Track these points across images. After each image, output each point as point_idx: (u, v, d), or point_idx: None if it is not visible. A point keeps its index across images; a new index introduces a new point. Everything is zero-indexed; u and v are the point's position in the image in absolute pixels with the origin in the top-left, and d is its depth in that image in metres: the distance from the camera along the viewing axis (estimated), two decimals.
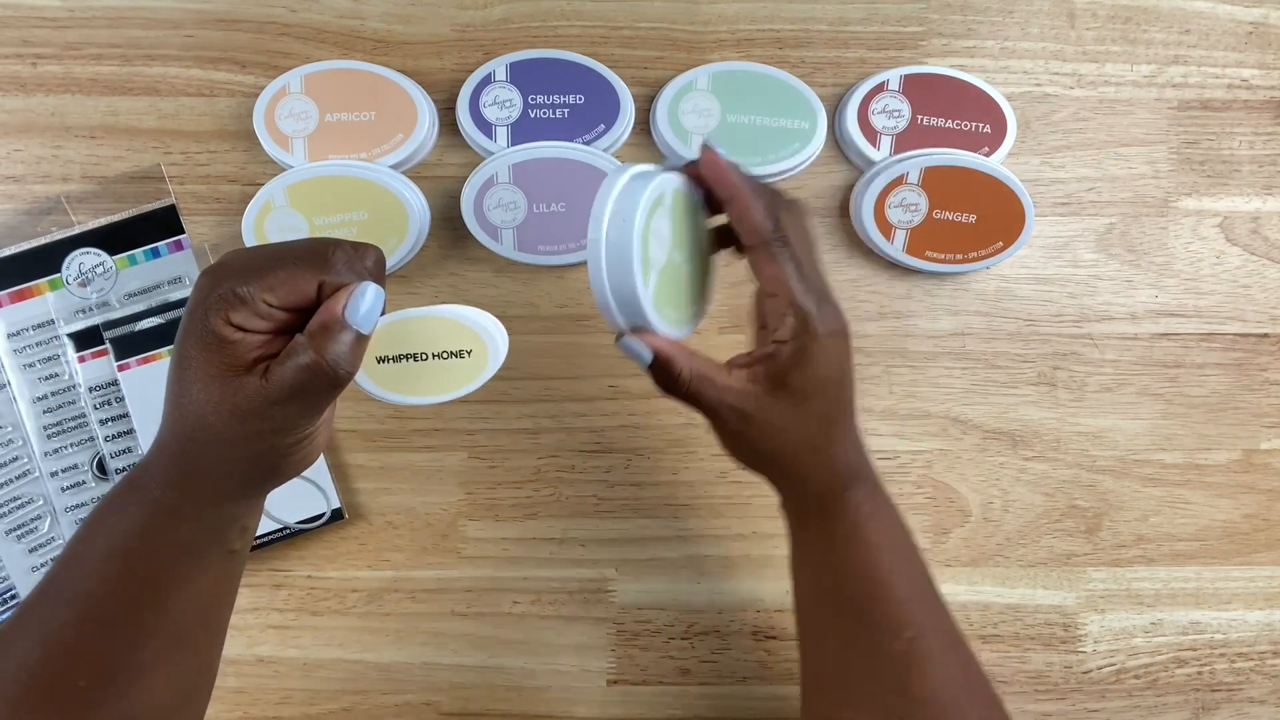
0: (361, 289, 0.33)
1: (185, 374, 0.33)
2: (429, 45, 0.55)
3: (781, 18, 0.56)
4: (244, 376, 0.32)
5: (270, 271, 0.32)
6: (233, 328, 0.32)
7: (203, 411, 0.32)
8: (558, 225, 0.53)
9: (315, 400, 0.33)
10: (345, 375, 0.33)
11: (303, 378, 0.32)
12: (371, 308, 0.33)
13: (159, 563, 0.34)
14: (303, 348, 0.32)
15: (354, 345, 0.33)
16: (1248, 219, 0.56)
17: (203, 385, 0.32)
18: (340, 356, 0.32)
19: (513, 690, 0.55)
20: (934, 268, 0.54)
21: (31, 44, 0.54)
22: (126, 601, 0.34)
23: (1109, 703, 0.55)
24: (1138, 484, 0.56)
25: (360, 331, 0.33)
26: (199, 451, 0.33)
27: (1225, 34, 0.56)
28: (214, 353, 0.32)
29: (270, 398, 0.32)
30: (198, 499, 0.34)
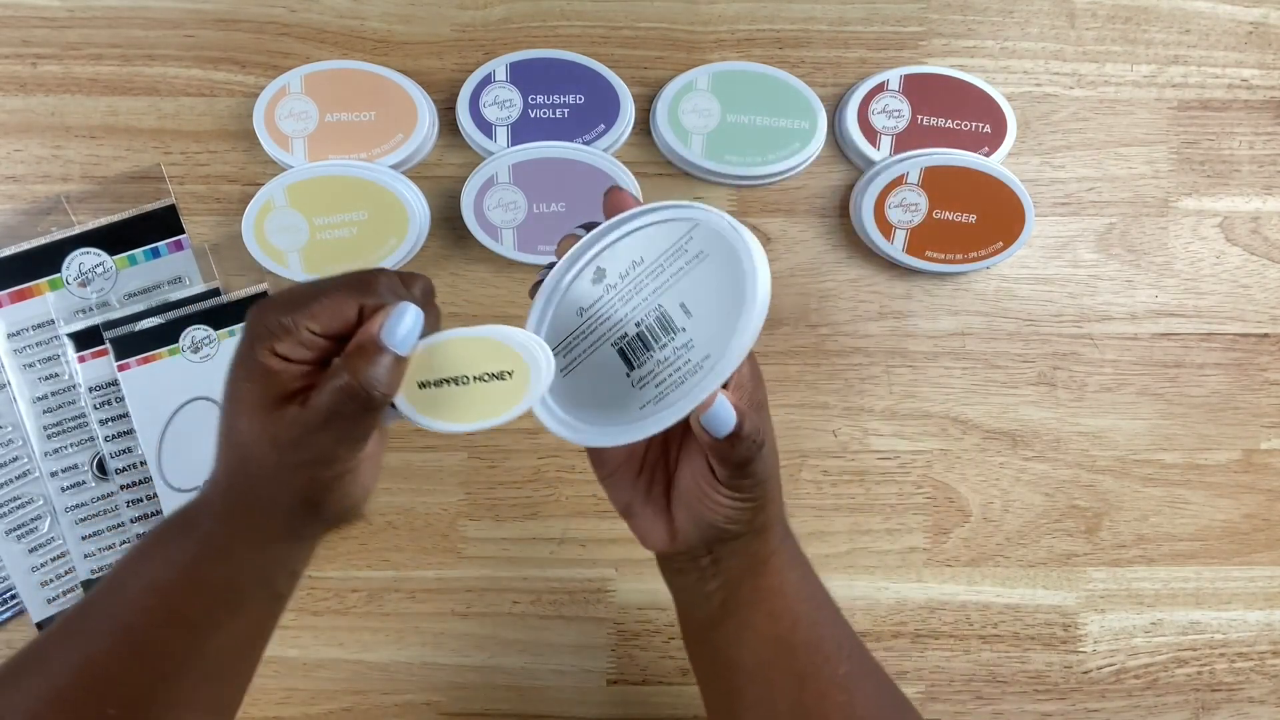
0: (400, 309, 0.32)
1: (234, 407, 0.33)
2: (429, 45, 0.55)
3: (781, 18, 0.56)
4: (286, 407, 0.32)
5: (313, 300, 0.32)
6: (277, 358, 0.32)
7: (247, 443, 0.32)
8: (558, 225, 0.53)
9: (351, 425, 0.32)
10: (380, 397, 0.32)
11: (337, 400, 0.31)
12: (410, 329, 0.32)
13: (201, 602, 0.34)
14: (339, 370, 0.31)
15: (391, 367, 0.32)
16: (1248, 219, 0.56)
17: (248, 417, 0.32)
18: (376, 378, 0.31)
19: (513, 690, 0.55)
20: (934, 268, 0.54)
21: (31, 44, 0.54)
22: (165, 637, 0.34)
23: (1109, 703, 0.55)
24: (1138, 484, 0.56)
25: (397, 352, 0.32)
26: (245, 486, 0.33)
27: (1225, 34, 0.56)
28: (258, 384, 0.32)
29: (308, 424, 0.31)
30: (246, 537, 0.34)
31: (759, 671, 0.38)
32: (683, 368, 0.32)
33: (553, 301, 0.34)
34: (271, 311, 0.32)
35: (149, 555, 0.35)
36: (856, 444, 0.56)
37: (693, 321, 0.32)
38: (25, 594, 0.53)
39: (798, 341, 0.56)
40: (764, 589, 0.37)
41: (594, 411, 0.34)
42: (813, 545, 0.55)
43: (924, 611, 0.56)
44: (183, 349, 0.53)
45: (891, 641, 0.56)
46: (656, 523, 0.37)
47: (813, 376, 0.56)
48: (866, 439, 0.56)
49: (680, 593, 0.39)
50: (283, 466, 0.32)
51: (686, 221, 0.32)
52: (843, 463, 0.56)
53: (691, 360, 0.32)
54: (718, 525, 0.35)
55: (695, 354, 0.32)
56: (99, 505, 0.54)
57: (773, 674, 0.37)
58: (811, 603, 0.38)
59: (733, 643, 0.38)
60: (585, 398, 0.34)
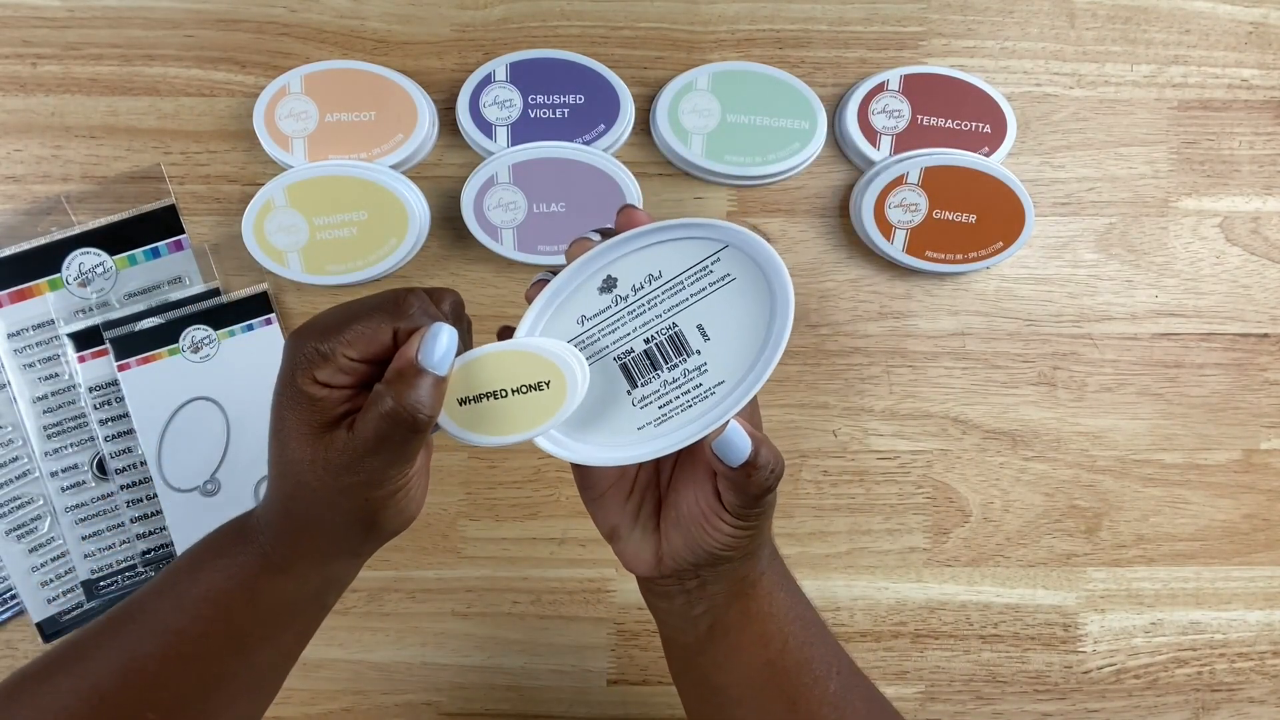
0: (434, 331, 0.32)
1: (282, 435, 0.33)
2: (429, 45, 0.55)
3: (781, 18, 0.56)
4: (333, 432, 0.32)
5: (348, 326, 0.32)
6: (318, 385, 0.32)
7: (299, 470, 0.33)
8: (557, 225, 0.53)
9: (399, 447, 0.33)
10: (425, 420, 0.32)
11: (384, 426, 0.32)
12: (446, 349, 0.32)
13: (256, 615, 0.35)
14: (381, 396, 0.32)
15: (432, 388, 0.32)
16: (1248, 219, 0.56)
17: (297, 444, 0.33)
18: (419, 401, 0.32)
19: (513, 690, 0.55)
20: (934, 268, 0.54)
21: (31, 44, 0.54)
22: (216, 647, 0.34)
23: (1109, 703, 0.55)
24: (1138, 484, 0.56)
25: (436, 374, 0.32)
26: (300, 510, 0.34)
27: (1225, 34, 0.56)
28: (304, 411, 0.32)
29: (357, 450, 0.32)
30: (305, 557, 0.35)
31: (749, 696, 0.37)
32: (692, 391, 0.32)
33: (552, 305, 0.33)
34: (309, 339, 0.32)
35: (206, 564, 0.35)
36: (856, 444, 0.56)
37: (710, 345, 0.32)
38: (25, 594, 0.53)
39: (798, 341, 0.56)
40: (753, 613, 0.37)
41: (585, 428, 0.34)
42: (813, 545, 0.55)
43: (924, 611, 0.56)
44: (182, 349, 0.53)
45: (891, 641, 0.56)
46: (644, 546, 0.37)
47: (813, 376, 0.56)
48: (866, 439, 0.56)
49: (664, 616, 0.39)
50: (337, 490, 0.33)
51: (715, 242, 0.31)
52: (843, 463, 0.56)
53: (704, 385, 0.32)
54: (714, 551, 0.35)
55: (708, 379, 0.32)
56: (99, 505, 0.54)
57: (763, 698, 0.37)
58: (800, 623, 0.38)
59: (721, 667, 0.38)
60: (575, 412, 0.33)
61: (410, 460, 0.34)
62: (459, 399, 0.34)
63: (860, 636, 0.56)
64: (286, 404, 0.33)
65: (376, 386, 0.32)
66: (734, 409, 0.31)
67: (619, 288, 0.33)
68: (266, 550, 0.34)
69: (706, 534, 0.34)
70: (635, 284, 0.32)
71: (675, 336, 0.32)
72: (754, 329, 0.31)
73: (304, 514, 0.34)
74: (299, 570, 0.35)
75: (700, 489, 0.35)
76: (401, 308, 0.33)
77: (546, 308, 0.33)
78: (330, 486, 0.33)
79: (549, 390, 0.33)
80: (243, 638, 0.35)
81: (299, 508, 0.34)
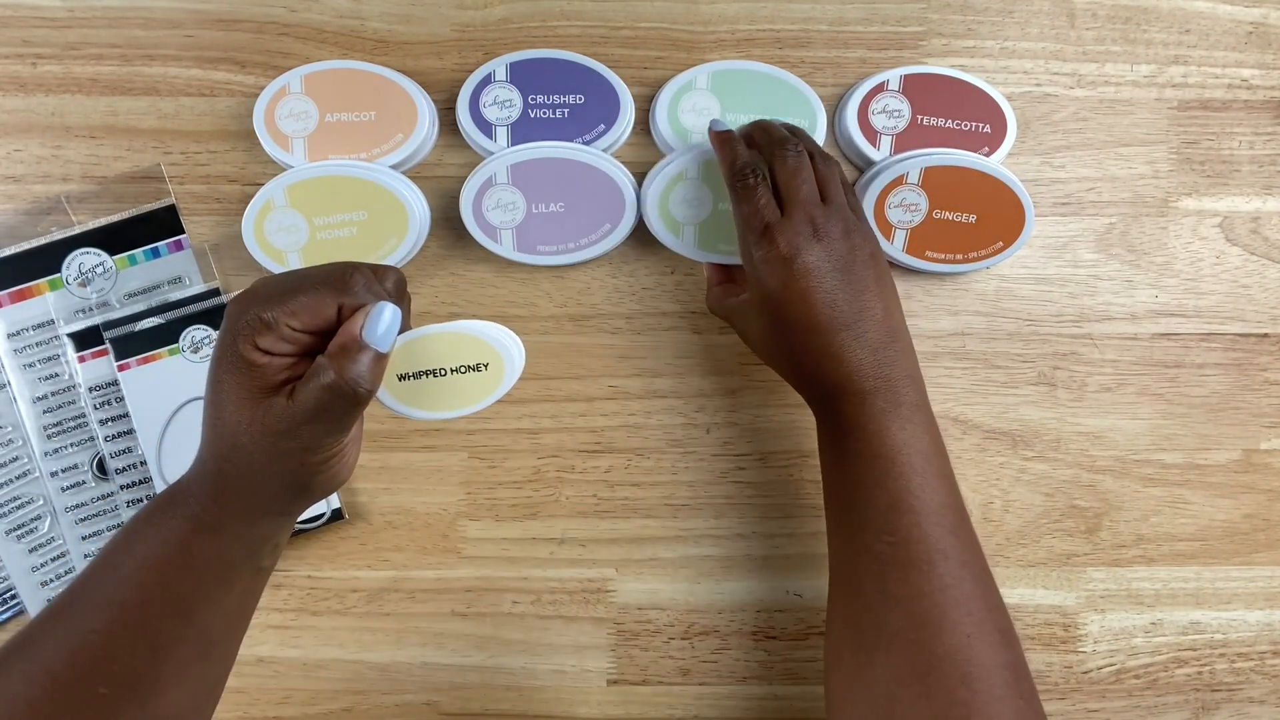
0: (378, 309, 0.34)
1: (219, 397, 0.34)
2: (429, 45, 0.55)
3: (781, 18, 0.56)
4: (272, 398, 0.33)
5: (292, 296, 0.33)
6: (260, 352, 0.33)
7: (235, 432, 0.34)
8: (557, 225, 0.53)
9: (338, 418, 0.34)
10: (366, 394, 0.34)
11: (325, 397, 0.33)
12: (389, 327, 0.34)
13: (194, 576, 0.35)
14: (324, 368, 0.33)
15: (373, 364, 0.34)
16: (1248, 219, 0.56)
17: (234, 408, 0.33)
18: (360, 375, 0.33)
19: (513, 690, 0.55)
20: (934, 268, 0.54)
21: (31, 44, 0.54)
22: (158, 612, 0.34)
23: (1109, 703, 0.55)
24: (1138, 484, 0.56)
25: (378, 350, 0.34)
26: (234, 471, 0.34)
27: (1225, 34, 0.56)
28: (243, 376, 0.33)
29: (296, 418, 0.33)
30: (235, 516, 0.35)
31: (827, 509, 0.44)
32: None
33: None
34: (253, 306, 0.33)
35: (139, 535, 0.35)
36: None
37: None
38: (25, 594, 0.53)
39: None
40: (867, 454, 0.41)
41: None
42: (813, 545, 0.56)
43: None
44: (183, 349, 0.53)
45: None
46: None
47: None
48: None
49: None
50: (273, 454, 0.34)
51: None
52: None
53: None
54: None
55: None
56: (99, 505, 0.54)
57: (829, 520, 0.44)
58: (872, 475, 0.41)
59: (822, 473, 0.45)
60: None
61: (347, 429, 0.35)
62: (399, 375, 0.36)
63: None
64: (226, 368, 0.33)
65: (319, 359, 0.34)
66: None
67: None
68: (197, 513, 0.35)
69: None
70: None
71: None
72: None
73: (237, 475, 0.34)
74: (229, 529, 0.35)
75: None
76: (347, 283, 0.34)
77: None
78: (266, 450, 0.33)
79: (486, 372, 0.35)
80: (183, 601, 0.35)
81: (232, 469, 0.34)
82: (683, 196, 0.53)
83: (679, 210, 0.53)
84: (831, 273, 0.42)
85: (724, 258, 0.53)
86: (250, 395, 0.33)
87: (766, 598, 0.55)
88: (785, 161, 0.45)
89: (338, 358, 0.33)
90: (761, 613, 0.55)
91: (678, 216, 0.53)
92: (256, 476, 0.34)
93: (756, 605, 0.55)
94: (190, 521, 0.35)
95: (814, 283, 0.42)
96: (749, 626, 0.55)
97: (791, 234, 0.42)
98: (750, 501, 0.55)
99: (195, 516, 0.35)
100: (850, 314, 0.42)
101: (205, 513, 0.35)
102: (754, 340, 0.47)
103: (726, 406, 0.55)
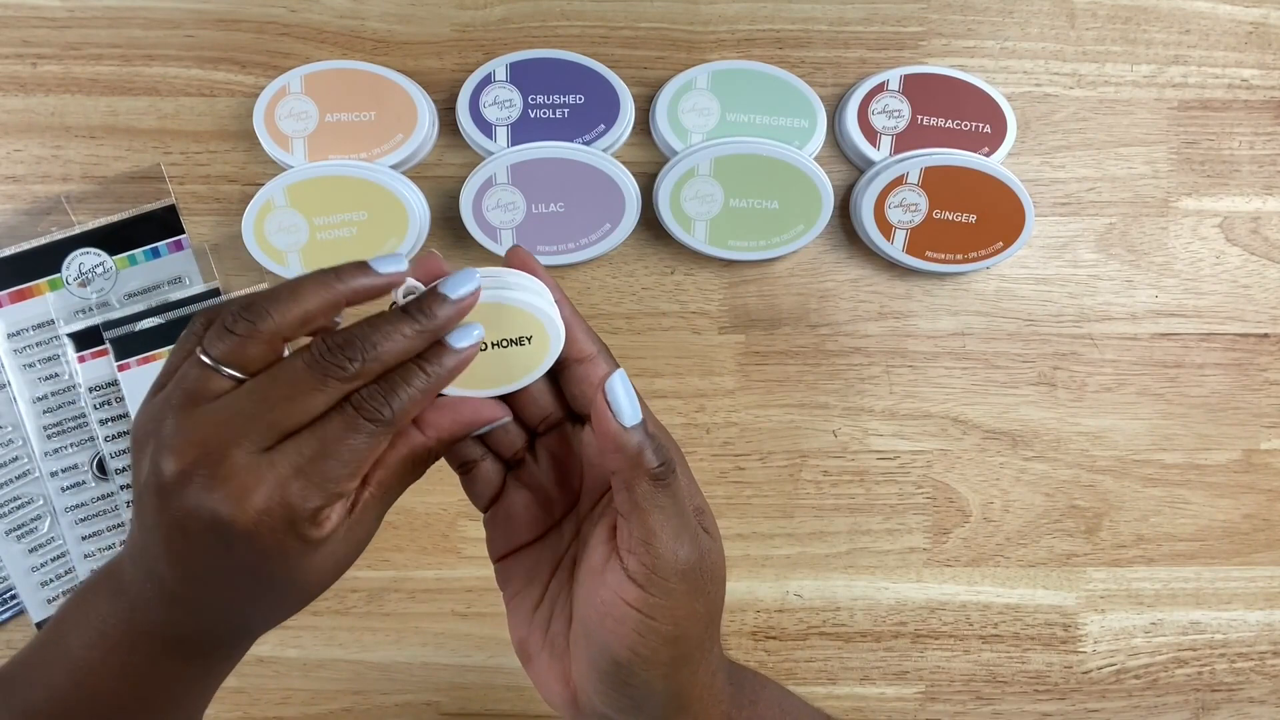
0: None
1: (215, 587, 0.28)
2: (429, 45, 0.55)
3: (781, 18, 0.56)
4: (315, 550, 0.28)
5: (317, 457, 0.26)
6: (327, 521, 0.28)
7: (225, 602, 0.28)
8: (556, 225, 0.53)
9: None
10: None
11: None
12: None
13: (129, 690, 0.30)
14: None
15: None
16: (1248, 219, 0.56)
17: (246, 595, 0.28)
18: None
19: (513, 690, 0.55)
20: (934, 268, 0.54)
21: (31, 44, 0.54)
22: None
23: (1109, 703, 0.55)
24: (1138, 484, 0.56)
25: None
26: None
27: (1225, 34, 0.56)
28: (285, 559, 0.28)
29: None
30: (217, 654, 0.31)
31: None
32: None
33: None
34: (297, 485, 0.26)
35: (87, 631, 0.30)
36: (856, 444, 0.56)
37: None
38: (25, 594, 0.53)
39: (798, 341, 0.56)
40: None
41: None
42: (813, 545, 0.56)
43: (924, 611, 0.56)
44: None
45: (891, 641, 0.56)
46: (553, 670, 0.30)
47: (813, 376, 0.56)
48: (866, 439, 0.56)
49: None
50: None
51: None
52: (843, 463, 0.56)
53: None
54: (618, 656, 0.27)
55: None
56: (99, 505, 0.54)
57: None
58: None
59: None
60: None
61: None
62: None
63: (860, 637, 0.56)
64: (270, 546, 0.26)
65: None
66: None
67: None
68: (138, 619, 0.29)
69: (606, 626, 0.27)
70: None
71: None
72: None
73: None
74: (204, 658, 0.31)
75: (602, 579, 0.28)
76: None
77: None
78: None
79: (531, 345, 0.31)
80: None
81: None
82: (695, 193, 0.52)
83: (691, 206, 0.53)
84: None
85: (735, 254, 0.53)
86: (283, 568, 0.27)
87: (766, 598, 0.55)
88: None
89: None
90: (761, 613, 0.55)
91: (689, 212, 0.53)
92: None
93: (756, 605, 0.55)
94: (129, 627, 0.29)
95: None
96: (749, 626, 0.55)
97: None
98: (750, 502, 0.55)
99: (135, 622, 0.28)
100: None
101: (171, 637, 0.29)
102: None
103: (726, 406, 0.55)
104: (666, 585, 0.26)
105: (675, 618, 0.27)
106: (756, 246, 0.54)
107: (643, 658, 0.27)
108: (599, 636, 0.27)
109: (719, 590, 0.28)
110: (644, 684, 0.27)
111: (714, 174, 0.53)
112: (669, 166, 0.53)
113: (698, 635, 0.27)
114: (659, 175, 0.54)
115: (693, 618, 0.27)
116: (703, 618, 0.27)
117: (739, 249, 0.54)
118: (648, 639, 0.26)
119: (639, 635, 0.26)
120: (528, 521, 0.32)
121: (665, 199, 0.53)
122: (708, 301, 0.55)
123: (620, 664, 0.27)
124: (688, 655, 0.27)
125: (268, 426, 0.25)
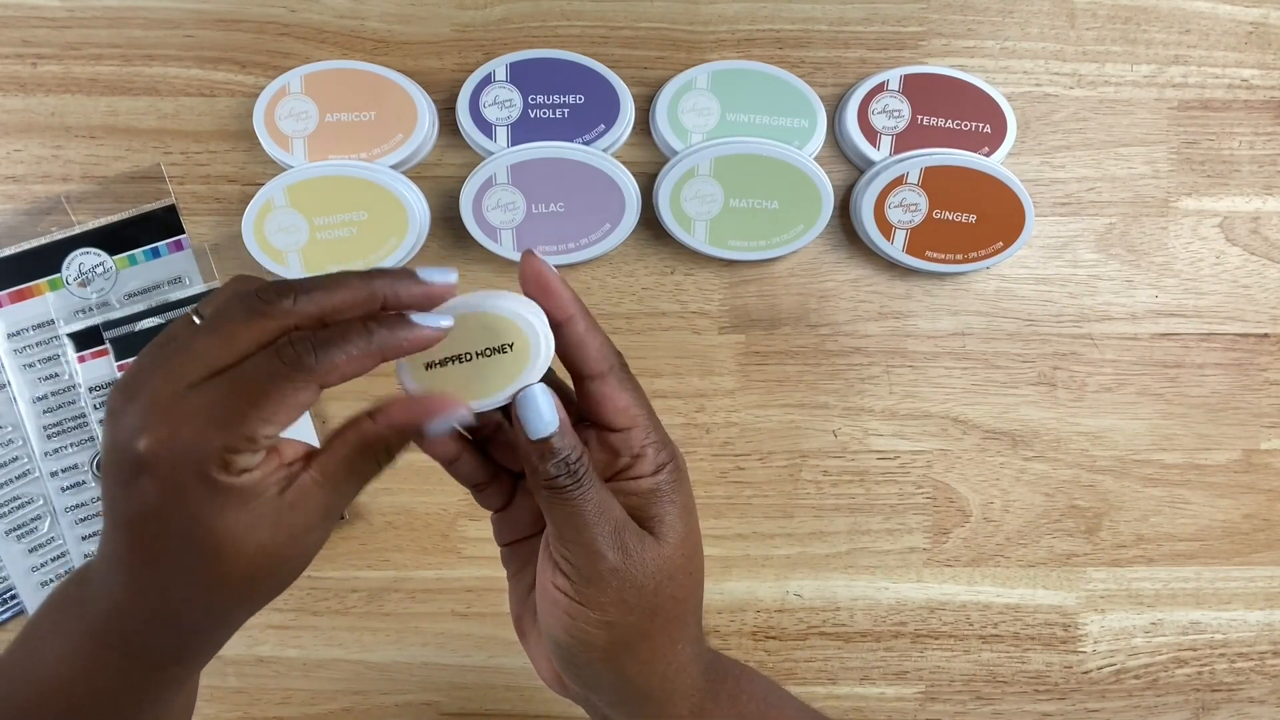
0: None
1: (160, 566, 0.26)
2: (429, 45, 0.55)
3: (781, 18, 0.56)
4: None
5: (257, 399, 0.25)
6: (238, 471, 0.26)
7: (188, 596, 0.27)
8: (556, 225, 0.53)
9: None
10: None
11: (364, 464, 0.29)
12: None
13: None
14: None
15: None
16: (1248, 219, 0.56)
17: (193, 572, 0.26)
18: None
19: (512, 690, 0.55)
20: (934, 268, 0.54)
21: (31, 44, 0.54)
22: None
23: (1109, 703, 0.55)
24: (1138, 484, 0.56)
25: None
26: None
27: (1225, 34, 0.56)
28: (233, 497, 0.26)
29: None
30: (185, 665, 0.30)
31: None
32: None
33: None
34: (211, 436, 0.25)
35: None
36: (856, 444, 0.56)
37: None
38: (25, 594, 0.53)
39: (798, 341, 0.56)
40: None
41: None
42: (813, 545, 0.56)
43: (924, 611, 0.56)
44: None
45: (891, 641, 0.56)
46: (541, 647, 0.31)
47: (813, 376, 0.56)
48: (866, 439, 0.56)
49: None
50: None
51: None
52: (843, 463, 0.56)
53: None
54: (557, 638, 0.28)
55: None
56: (99, 505, 0.54)
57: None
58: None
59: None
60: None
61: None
62: (425, 364, 0.32)
63: (860, 636, 0.56)
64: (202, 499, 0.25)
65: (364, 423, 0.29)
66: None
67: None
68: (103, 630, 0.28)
69: (545, 607, 0.28)
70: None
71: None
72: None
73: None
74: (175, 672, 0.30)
75: (545, 564, 0.30)
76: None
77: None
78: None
79: (512, 353, 0.31)
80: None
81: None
82: (695, 193, 0.52)
83: (691, 206, 0.53)
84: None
85: (735, 254, 0.53)
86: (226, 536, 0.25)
87: (766, 598, 0.55)
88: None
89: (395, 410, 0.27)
90: (761, 613, 0.55)
91: (689, 212, 0.53)
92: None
93: (756, 605, 0.55)
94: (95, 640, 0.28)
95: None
96: (749, 626, 0.55)
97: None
98: (750, 502, 0.55)
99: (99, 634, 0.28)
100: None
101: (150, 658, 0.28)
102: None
103: (726, 406, 0.55)
104: (584, 576, 0.28)
105: (601, 606, 0.27)
106: (756, 246, 0.54)
107: (578, 640, 0.28)
108: (543, 618, 0.29)
109: (662, 594, 0.28)
110: (587, 665, 0.28)
111: (714, 174, 0.53)
112: (669, 166, 0.53)
113: (637, 626, 0.28)
114: (659, 175, 0.54)
115: (623, 609, 0.28)
116: (637, 611, 0.28)
117: (739, 249, 0.54)
118: (578, 622, 0.28)
119: (570, 618, 0.28)
120: (532, 520, 0.34)
121: (665, 199, 0.53)
122: (708, 301, 0.55)
123: (559, 645, 0.28)
124: (628, 643, 0.28)
125: (195, 359, 0.25)
